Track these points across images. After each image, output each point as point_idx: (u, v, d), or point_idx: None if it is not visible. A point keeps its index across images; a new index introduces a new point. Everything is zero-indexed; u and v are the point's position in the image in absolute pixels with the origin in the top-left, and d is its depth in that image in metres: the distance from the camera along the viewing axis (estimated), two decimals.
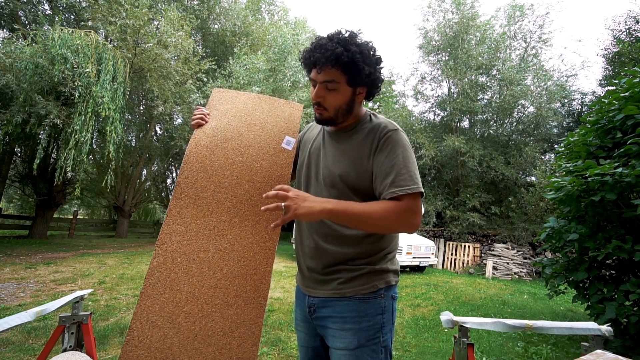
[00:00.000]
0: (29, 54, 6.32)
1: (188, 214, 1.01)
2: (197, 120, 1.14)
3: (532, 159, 10.79)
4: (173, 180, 15.66)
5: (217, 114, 1.16)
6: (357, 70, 0.94)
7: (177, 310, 0.91)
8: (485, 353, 3.18)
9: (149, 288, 0.93)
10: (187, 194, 1.03)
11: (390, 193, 0.92)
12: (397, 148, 0.96)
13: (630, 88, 2.89)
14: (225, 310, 0.93)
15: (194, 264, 0.96)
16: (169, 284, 0.93)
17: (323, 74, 0.96)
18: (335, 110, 1.01)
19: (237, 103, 1.19)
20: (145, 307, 0.91)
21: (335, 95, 0.99)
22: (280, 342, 3.12)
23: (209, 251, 0.98)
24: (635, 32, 11.43)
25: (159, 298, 0.92)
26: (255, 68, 9.83)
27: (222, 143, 1.10)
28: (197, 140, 1.10)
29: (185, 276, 0.94)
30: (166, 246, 0.97)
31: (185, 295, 0.93)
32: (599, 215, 2.98)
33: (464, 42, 11.71)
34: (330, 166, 1.04)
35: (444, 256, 10.81)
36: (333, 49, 0.92)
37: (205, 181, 1.05)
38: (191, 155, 1.07)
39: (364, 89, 1.02)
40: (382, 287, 0.99)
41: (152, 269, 0.95)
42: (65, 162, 6.77)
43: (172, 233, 0.99)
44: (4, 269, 5.19)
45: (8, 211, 18.76)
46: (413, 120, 13.52)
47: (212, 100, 1.20)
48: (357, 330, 0.96)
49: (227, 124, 1.13)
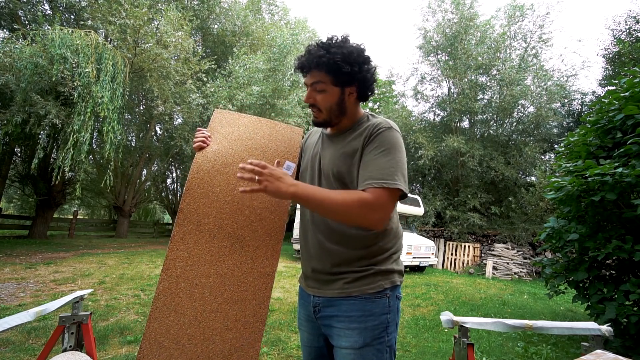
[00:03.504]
0: (28, 53, 6.31)
1: (191, 240, 1.04)
2: (198, 143, 1.15)
3: (532, 159, 10.80)
4: (173, 180, 15.65)
5: (219, 137, 1.18)
6: (338, 69, 0.98)
7: (181, 333, 0.96)
8: (485, 353, 3.18)
9: (156, 311, 0.97)
10: (190, 221, 1.06)
11: (365, 184, 0.92)
12: (384, 144, 0.97)
13: (630, 88, 2.88)
14: (225, 334, 0.97)
15: (197, 288, 1.00)
16: (173, 307, 0.98)
17: (310, 76, 1.02)
18: (328, 111, 1.04)
19: (238, 126, 1.21)
20: (153, 328, 0.96)
21: (325, 96, 1.02)
22: (280, 342, 3.12)
23: (211, 276, 1.02)
24: (636, 32, 11.42)
25: (165, 321, 0.96)
26: (255, 68, 9.83)
27: (223, 168, 1.12)
28: (199, 165, 1.12)
29: (188, 300, 0.99)
30: (170, 272, 1.01)
31: (189, 318, 0.97)
32: (599, 215, 2.98)
33: (463, 42, 11.71)
34: (326, 166, 1.06)
35: (444, 256, 10.81)
36: (315, 52, 0.98)
37: (207, 207, 1.07)
38: (193, 181, 1.09)
39: (354, 89, 1.04)
40: (387, 287, 1.00)
41: (158, 293, 0.99)
42: (63, 162, 6.77)
43: (176, 259, 1.02)
44: (4, 269, 5.19)
45: (8, 211, 18.75)
46: (413, 120, 13.52)
47: (213, 122, 1.21)
48: (362, 329, 0.97)
49: (228, 148, 1.15)
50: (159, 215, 23.16)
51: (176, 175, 15.36)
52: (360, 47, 1.02)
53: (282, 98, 10.23)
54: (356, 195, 0.90)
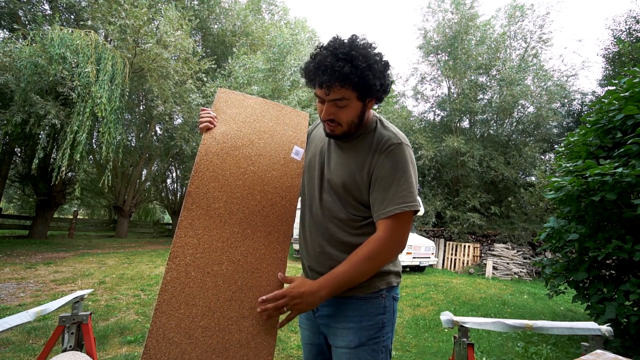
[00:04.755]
0: (28, 53, 6.31)
1: (200, 226, 0.98)
2: (205, 123, 1.06)
3: (532, 159, 10.79)
4: (173, 180, 15.64)
5: (226, 117, 1.12)
6: (367, 86, 0.91)
7: (194, 325, 0.90)
8: (485, 353, 3.18)
9: (163, 304, 0.90)
10: (199, 205, 0.99)
11: (387, 212, 0.93)
12: (398, 164, 0.95)
13: (630, 88, 2.88)
14: (241, 322, 0.93)
15: (209, 277, 0.94)
16: (184, 299, 0.91)
17: (332, 94, 0.92)
18: (349, 125, 0.98)
19: (245, 107, 1.15)
20: (161, 324, 0.88)
21: (347, 110, 0.95)
22: (280, 342, 3.12)
23: (223, 264, 0.96)
24: (636, 32, 11.42)
25: (175, 314, 0.90)
26: (254, 67, 9.83)
27: (233, 151, 1.06)
28: (207, 146, 1.05)
29: (200, 290, 0.93)
30: (179, 260, 0.94)
31: (201, 309, 0.92)
32: (599, 215, 2.98)
33: (463, 42, 11.71)
34: (332, 173, 1.05)
35: (444, 256, 10.81)
36: (340, 68, 0.87)
37: (217, 191, 1.01)
38: (202, 163, 1.03)
39: (374, 100, 1.00)
40: (383, 288, 1.01)
41: (165, 284, 0.92)
42: (60, 162, 6.77)
43: (185, 246, 0.95)
44: (4, 269, 5.18)
45: (8, 211, 18.75)
46: (413, 120, 13.52)
47: (218, 102, 1.15)
48: (358, 329, 0.97)
49: (236, 130, 1.10)
50: (159, 215, 23.17)
51: (176, 175, 15.36)
52: (379, 52, 0.95)
53: (282, 98, 10.24)
54: (372, 243, 0.93)
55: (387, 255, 0.94)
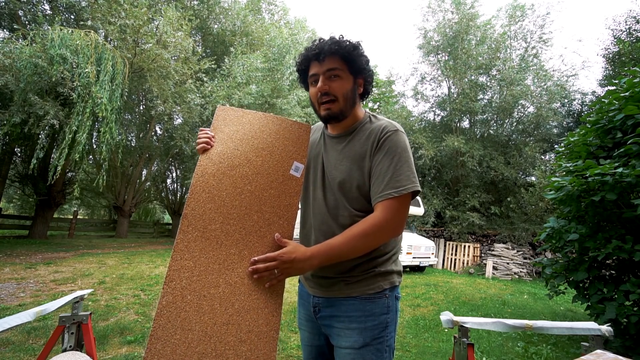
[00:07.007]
0: (28, 53, 6.30)
1: (196, 248, 0.96)
2: (202, 145, 1.06)
3: (532, 159, 10.79)
4: (173, 180, 15.64)
5: (223, 137, 1.10)
6: (355, 58, 1.02)
7: (190, 352, 0.87)
8: (485, 353, 3.18)
9: (158, 330, 0.88)
10: (195, 227, 0.98)
11: (385, 195, 0.94)
12: (395, 150, 0.98)
13: (630, 88, 2.88)
14: (239, 347, 0.90)
15: (205, 300, 0.92)
16: (179, 323, 0.89)
17: (326, 62, 1.01)
18: (344, 99, 1.03)
19: (243, 124, 1.14)
20: (156, 350, 0.86)
21: (341, 82, 1.02)
22: (280, 342, 3.12)
23: (220, 286, 0.94)
24: (636, 32, 11.41)
25: (170, 340, 0.87)
26: (253, 67, 9.83)
27: (229, 170, 1.05)
28: (204, 168, 1.05)
29: (196, 314, 0.90)
30: (175, 284, 0.92)
31: (198, 334, 0.89)
32: (599, 215, 2.98)
33: (463, 42, 11.71)
34: (332, 171, 1.06)
35: (444, 256, 10.81)
36: (331, 41, 1.01)
37: (214, 212, 1.00)
38: (198, 185, 1.02)
39: (362, 82, 1.07)
40: (387, 288, 1.01)
41: (161, 309, 0.89)
42: (57, 162, 6.77)
43: (181, 269, 0.94)
44: (4, 269, 5.18)
45: (8, 211, 18.74)
46: (413, 120, 13.52)
47: (217, 121, 1.14)
48: (362, 329, 0.97)
49: (234, 149, 1.09)
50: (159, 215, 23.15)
51: (176, 175, 15.36)
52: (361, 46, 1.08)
53: (281, 97, 10.23)
54: (370, 221, 0.94)
55: (382, 236, 0.95)
